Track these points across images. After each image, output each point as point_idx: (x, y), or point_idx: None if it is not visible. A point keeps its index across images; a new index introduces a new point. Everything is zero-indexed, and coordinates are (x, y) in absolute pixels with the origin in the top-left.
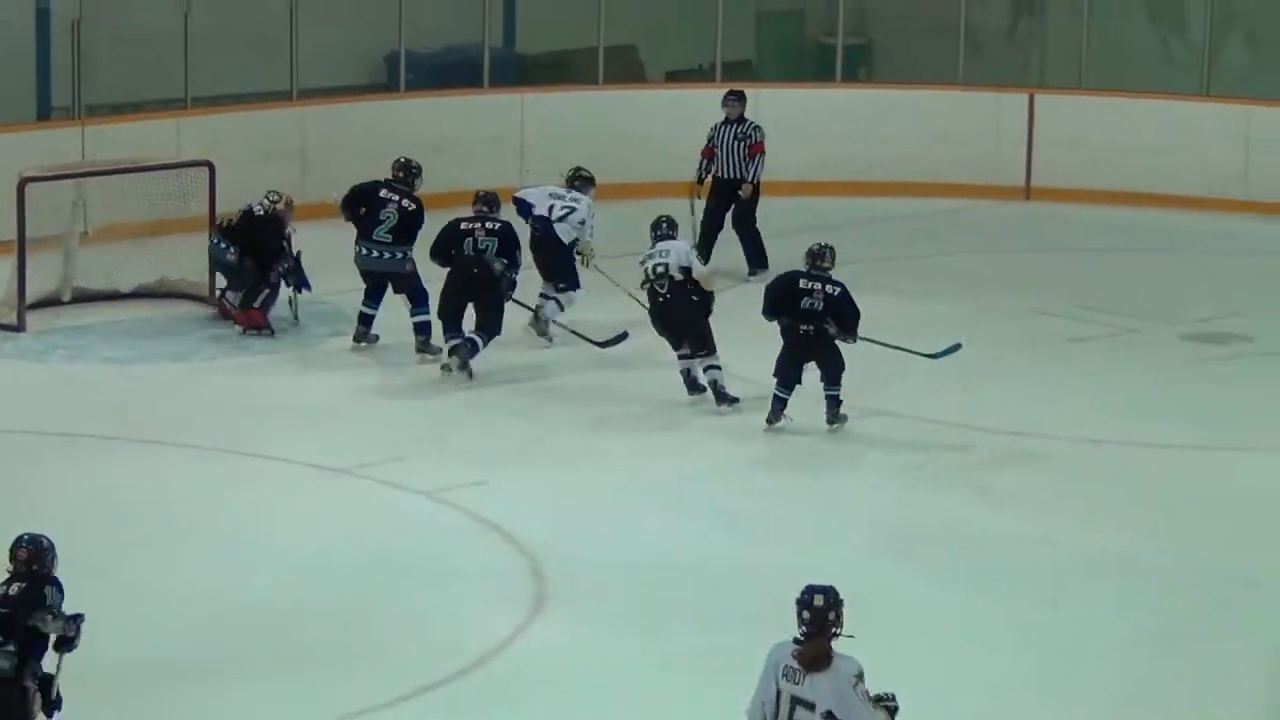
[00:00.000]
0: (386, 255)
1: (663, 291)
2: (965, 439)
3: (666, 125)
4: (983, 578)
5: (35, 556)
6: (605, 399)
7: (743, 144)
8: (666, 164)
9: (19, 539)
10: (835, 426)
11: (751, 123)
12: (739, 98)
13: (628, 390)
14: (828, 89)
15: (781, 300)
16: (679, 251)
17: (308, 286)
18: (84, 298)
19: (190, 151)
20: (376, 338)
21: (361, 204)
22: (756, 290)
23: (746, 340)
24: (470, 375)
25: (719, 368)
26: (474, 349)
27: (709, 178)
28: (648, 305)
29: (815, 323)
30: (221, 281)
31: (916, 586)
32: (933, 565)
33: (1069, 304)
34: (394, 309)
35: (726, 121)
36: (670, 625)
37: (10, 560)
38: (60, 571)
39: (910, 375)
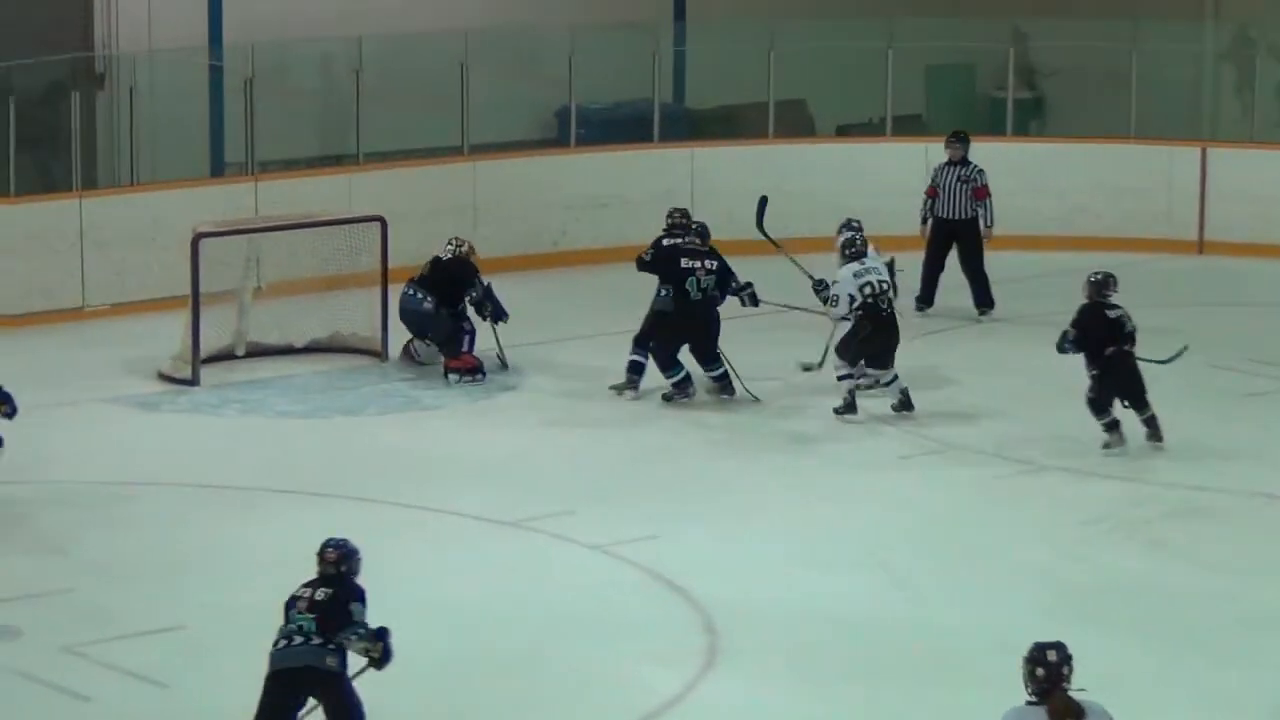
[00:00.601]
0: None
1: (885, 309)
2: (1139, 493)
3: (836, 179)
4: (1156, 633)
5: (344, 558)
6: (772, 448)
7: (966, 186)
8: (831, 218)
9: (328, 542)
10: (1157, 445)
11: (975, 165)
12: (961, 140)
13: (794, 439)
14: (999, 142)
15: (1100, 331)
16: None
17: (504, 316)
18: (257, 352)
19: (362, 207)
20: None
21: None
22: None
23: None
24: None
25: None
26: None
27: (930, 219)
28: (866, 325)
29: (1131, 344)
30: (406, 333)
31: (1088, 642)
32: (1105, 621)
33: (1243, 358)
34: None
35: (950, 163)
36: (840, 681)
37: (319, 562)
38: (235, 626)
39: (1082, 431)
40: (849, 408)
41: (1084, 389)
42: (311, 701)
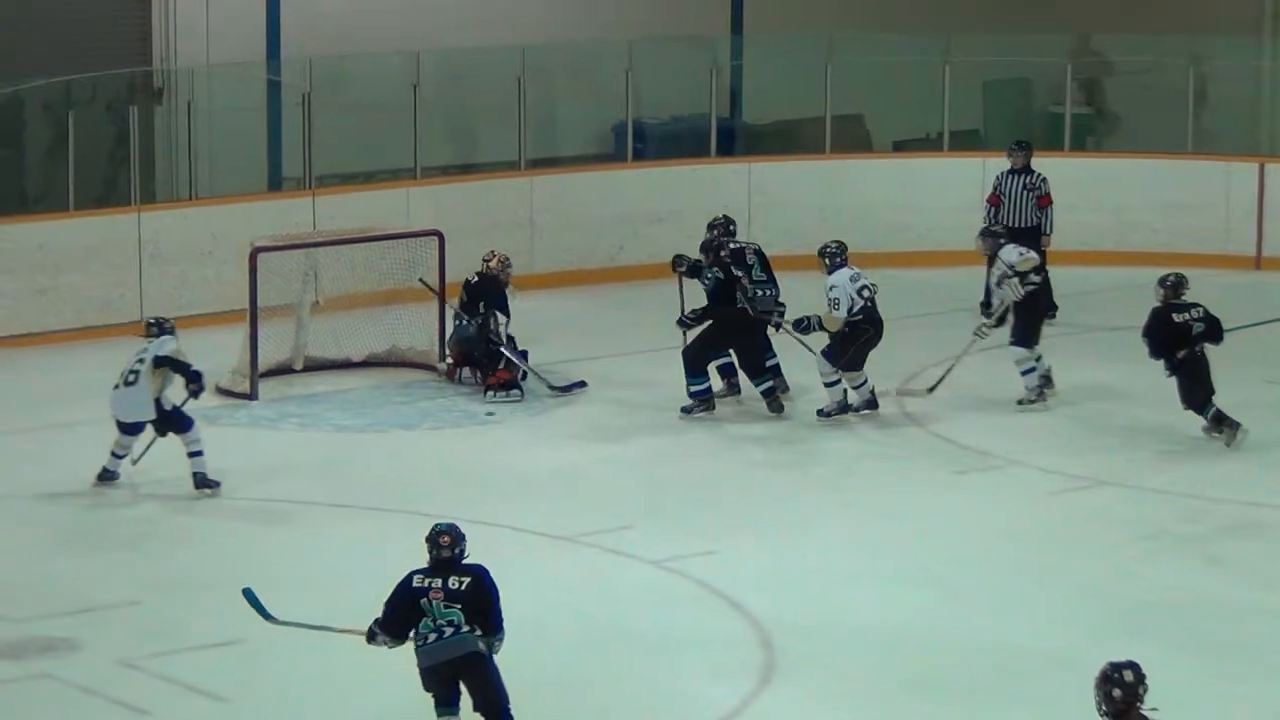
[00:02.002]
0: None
1: (878, 313)
2: (1194, 509)
3: (892, 195)
4: (1214, 651)
5: (456, 541)
6: (828, 463)
7: (1031, 194)
8: (888, 234)
9: (438, 527)
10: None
11: (1038, 174)
12: (1024, 147)
13: (850, 455)
14: (1056, 158)
15: (1168, 334)
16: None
17: (523, 363)
18: (315, 366)
19: (420, 221)
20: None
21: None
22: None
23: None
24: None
25: None
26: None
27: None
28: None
29: (1202, 344)
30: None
31: (1145, 660)
32: (1163, 638)
33: None
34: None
35: (1013, 171)
36: (896, 698)
37: (433, 548)
38: (294, 639)
39: (1138, 447)
40: (842, 409)
41: (1136, 402)
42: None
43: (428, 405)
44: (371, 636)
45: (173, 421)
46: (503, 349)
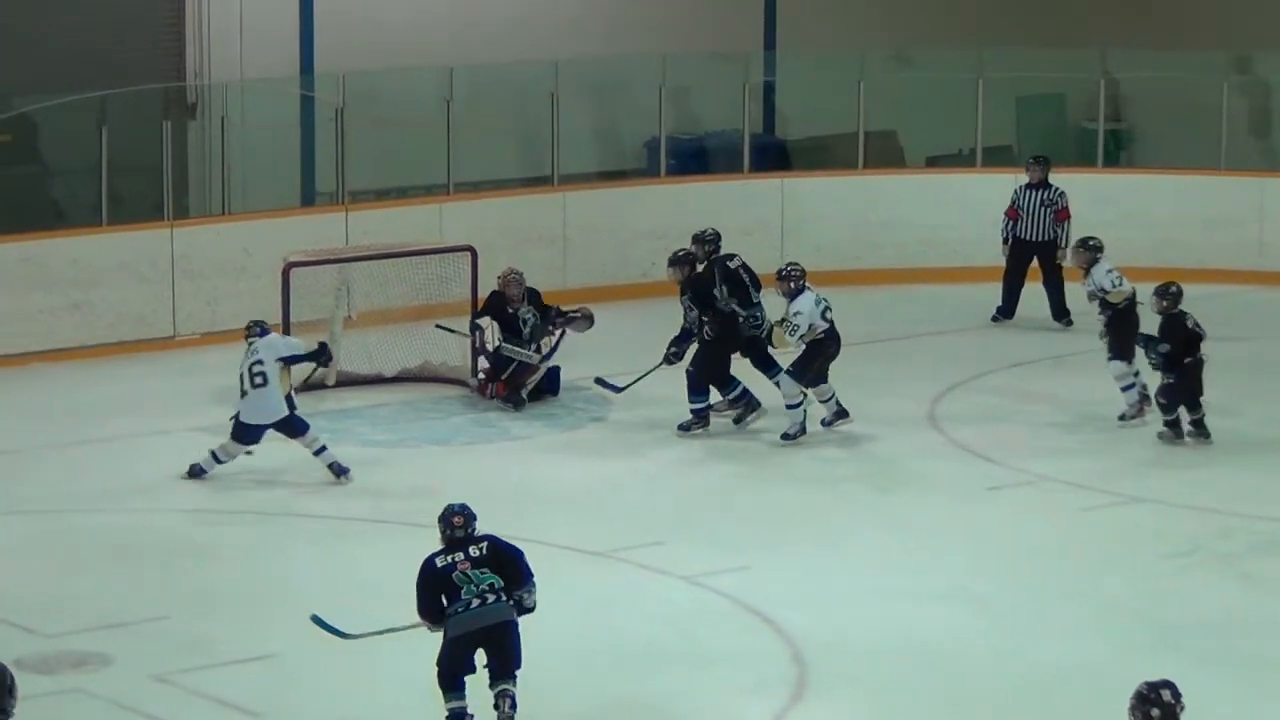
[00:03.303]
0: None
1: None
2: (1227, 526)
3: (925, 210)
4: (1246, 668)
5: (468, 521)
6: (860, 479)
7: (1049, 209)
8: (921, 249)
9: (450, 508)
10: (1206, 443)
11: (1056, 188)
12: (1041, 162)
13: (881, 470)
14: (1089, 173)
15: (1182, 342)
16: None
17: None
18: (348, 382)
19: (452, 237)
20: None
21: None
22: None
23: None
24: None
25: None
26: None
27: (1011, 239)
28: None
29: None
30: (484, 364)
31: (1178, 677)
32: (1195, 655)
33: None
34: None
35: (1030, 186)
36: (927, 714)
37: (446, 527)
38: (326, 654)
39: (1172, 464)
40: (803, 430)
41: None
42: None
43: (460, 420)
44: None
45: (294, 424)
46: (487, 355)
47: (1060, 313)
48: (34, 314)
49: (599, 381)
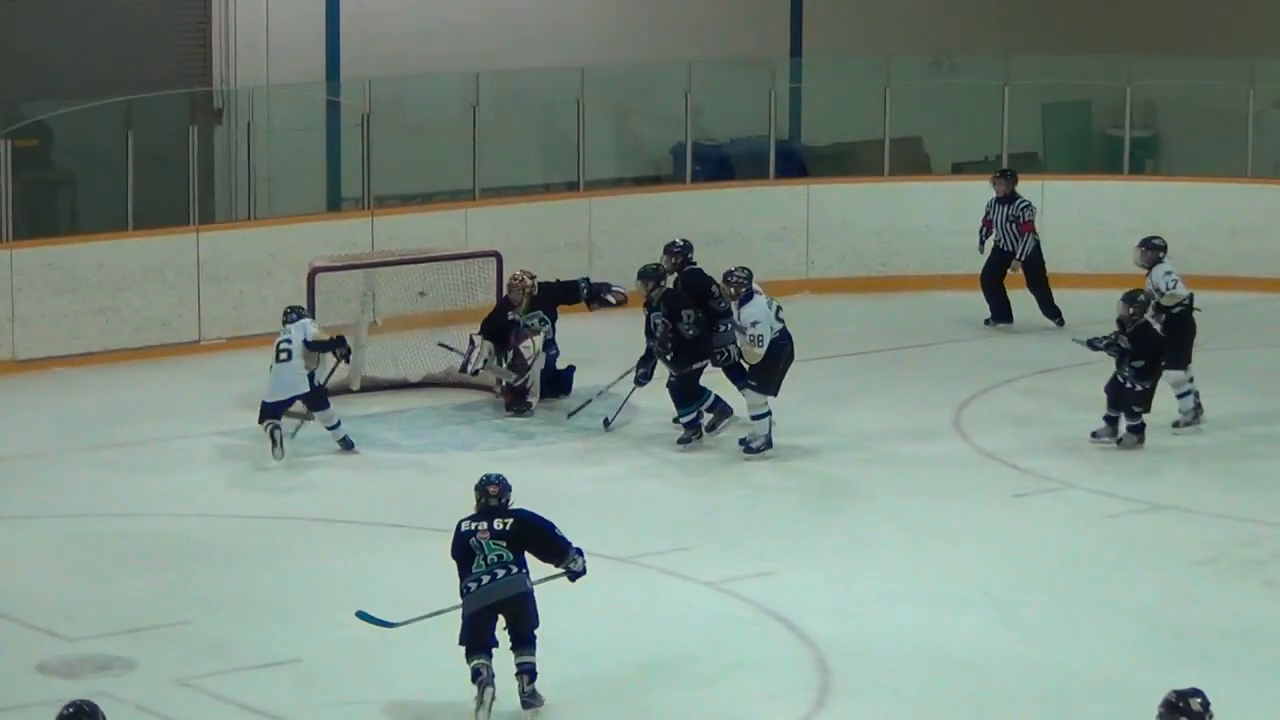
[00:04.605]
0: None
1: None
2: (1251, 533)
3: (951, 218)
4: (1271, 674)
5: (503, 491)
6: (883, 486)
7: (1014, 224)
8: (946, 256)
9: (487, 477)
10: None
11: (1022, 200)
12: (1006, 175)
13: (905, 477)
14: (1114, 181)
15: (1154, 348)
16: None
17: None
18: (373, 386)
19: (478, 242)
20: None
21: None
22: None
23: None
24: None
25: None
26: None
27: (990, 245)
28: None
29: None
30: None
31: (1202, 684)
32: (1218, 662)
33: None
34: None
35: (998, 200)
36: None
37: (481, 496)
38: (349, 659)
39: (1195, 470)
40: (769, 443)
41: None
42: None
43: (484, 426)
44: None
45: (318, 398)
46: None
47: (1051, 312)
48: (60, 319)
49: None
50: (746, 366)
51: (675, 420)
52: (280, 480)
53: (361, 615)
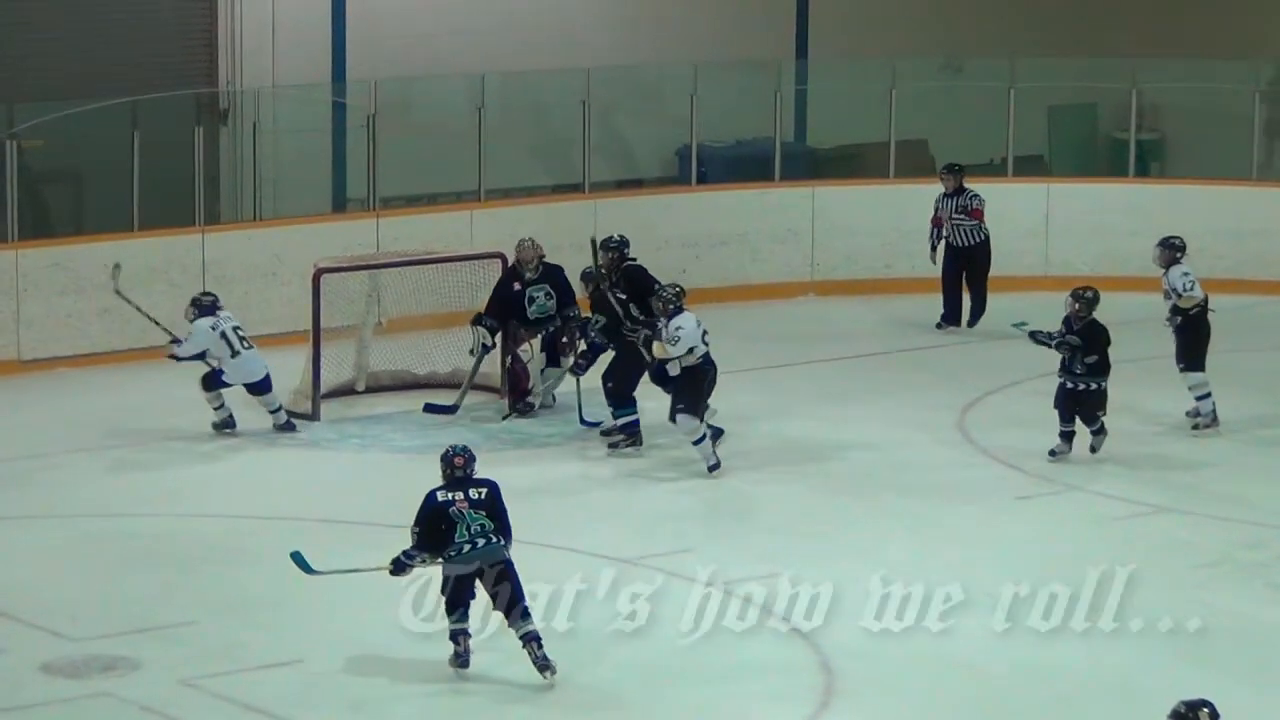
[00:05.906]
0: None
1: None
2: (1255, 536)
3: None
4: (1275, 678)
5: (469, 461)
6: (889, 488)
7: (964, 212)
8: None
9: (452, 448)
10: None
11: (970, 191)
12: (954, 170)
13: (910, 479)
14: (1120, 184)
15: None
16: None
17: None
18: (378, 388)
19: (483, 244)
20: None
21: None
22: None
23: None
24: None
25: None
26: None
27: (941, 244)
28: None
29: None
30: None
31: (1205, 688)
32: (1222, 665)
33: None
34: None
35: (946, 195)
36: None
37: (448, 467)
38: (353, 660)
39: (1201, 474)
40: (718, 462)
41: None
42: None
43: (490, 428)
44: (400, 567)
45: (267, 382)
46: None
47: (978, 316)
48: (64, 319)
49: (428, 408)
50: (670, 371)
51: (604, 429)
52: (285, 480)
53: (294, 556)
